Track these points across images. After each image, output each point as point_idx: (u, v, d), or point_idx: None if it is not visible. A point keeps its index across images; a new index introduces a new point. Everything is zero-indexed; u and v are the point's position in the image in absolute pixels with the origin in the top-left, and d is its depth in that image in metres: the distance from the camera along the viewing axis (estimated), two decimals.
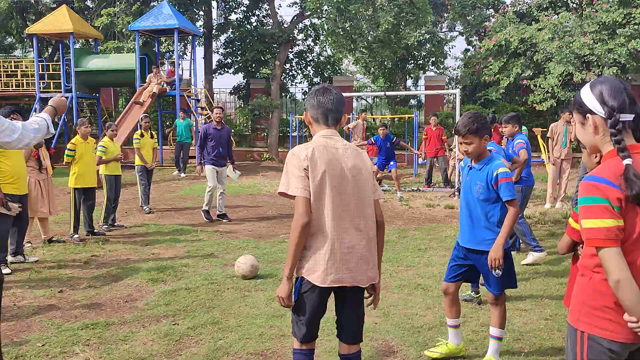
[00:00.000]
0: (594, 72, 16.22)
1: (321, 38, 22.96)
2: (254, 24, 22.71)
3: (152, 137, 10.46)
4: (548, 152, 11.28)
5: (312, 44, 23.68)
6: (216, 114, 9.74)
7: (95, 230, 8.24)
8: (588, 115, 2.07)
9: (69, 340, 4.26)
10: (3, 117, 3.24)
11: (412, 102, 26.89)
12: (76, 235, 7.85)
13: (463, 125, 3.57)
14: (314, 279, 2.65)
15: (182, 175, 15.55)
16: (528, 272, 6.06)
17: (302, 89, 24.68)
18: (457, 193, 11.69)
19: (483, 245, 3.62)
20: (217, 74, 23.95)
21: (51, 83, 19.34)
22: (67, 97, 3.60)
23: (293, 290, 2.74)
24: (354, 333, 2.83)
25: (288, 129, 22.87)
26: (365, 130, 14.70)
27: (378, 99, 25.54)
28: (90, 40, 22.33)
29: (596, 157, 2.60)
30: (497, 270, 3.56)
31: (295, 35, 22.10)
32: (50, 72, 19.77)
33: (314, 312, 2.72)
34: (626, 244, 1.95)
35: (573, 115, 2.17)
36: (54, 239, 7.67)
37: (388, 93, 14.59)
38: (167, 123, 21.22)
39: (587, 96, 2.07)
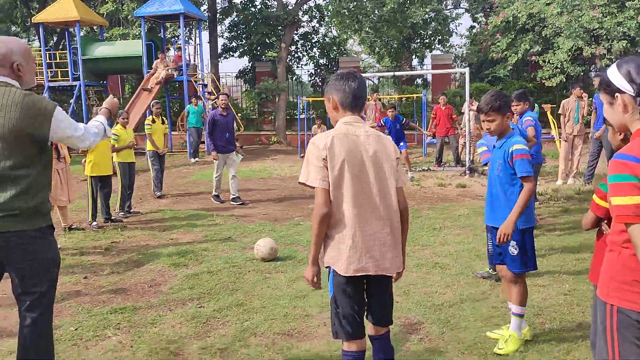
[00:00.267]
0: (603, 46, 16.07)
1: (326, 19, 22.84)
2: (259, 7, 22.59)
3: (163, 122, 10.53)
4: (559, 128, 11.28)
5: (317, 25, 23.57)
6: (222, 100, 9.91)
7: (112, 218, 8.36)
8: (617, 94, 2.10)
9: (100, 324, 4.38)
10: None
11: (418, 81, 26.77)
12: (94, 223, 7.97)
13: (486, 103, 3.63)
14: (338, 269, 2.64)
15: (192, 160, 15.60)
16: (544, 248, 6.12)
17: (308, 71, 24.61)
18: (467, 172, 11.72)
19: (500, 222, 3.64)
20: (222, 58, 23.91)
21: (59, 72, 19.38)
22: (116, 97, 3.60)
23: (328, 280, 2.76)
24: (382, 317, 2.82)
25: (295, 111, 22.89)
26: (379, 110, 14.67)
27: (384, 79, 25.45)
28: (94, 27, 22.33)
29: (620, 134, 2.65)
30: (511, 248, 3.63)
31: (300, 16, 21.97)
32: (57, 60, 19.79)
33: (351, 303, 2.67)
34: None
35: (600, 95, 2.21)
36: (73, 226, 7.79)
37: (397, 73, 14.51)
38: (175, 109, 21.26)
39: (615, 76, 2.11)
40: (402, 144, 11.63)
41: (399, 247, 2.74)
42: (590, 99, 11.58)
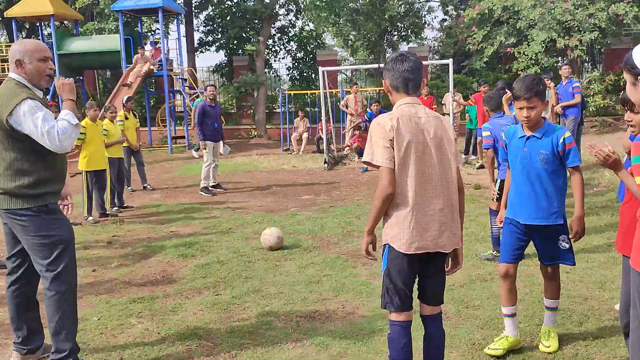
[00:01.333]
0: (575, 37, 16.54)
1: (303, 12, 22.88)
2: (235, 0, 22.49)
3: (135, 117, 10.49)
4: None
5: (294, 18, 23.60)
6: (210, 91, 10.33)
7: (107, 212, 8.34)
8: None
9: (122, 313, 4.44)
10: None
11: None
12: (90, 218, 7.95)
13: (528, 88, 3.29)
14: (399, 247, 2.74)
15: (196, 155, 15.29)
16: None
17: (286, 64, 24.64)
18: None
19: (551, 219, 3.41)
20: (198, 52, 23.74)
21: None
22: (66, 79, 3.63)
23: (381, 256, 2.88)
24: (436, 295, 2.92)
25: (274, 105, 22.90)
26: (359, 102, 14.84)
27: (358, 72, 25.60)
28: (66, 22, 21.90)
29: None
30: (563, 243, 3.45)
31: (277, 10, 21.97)
32: None
33: (403, 278, 2.79)
34: None
35: (625, 75, 2.38)
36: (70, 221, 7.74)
37: (382, 65, 14.69)
38: (151, 104, 21.05)
39: (639, 58, 2.29)
40: None
41: (457, 225, 2.84)
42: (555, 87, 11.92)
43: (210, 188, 10.04)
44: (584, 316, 4.06)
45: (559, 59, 19.02)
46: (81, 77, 19.95)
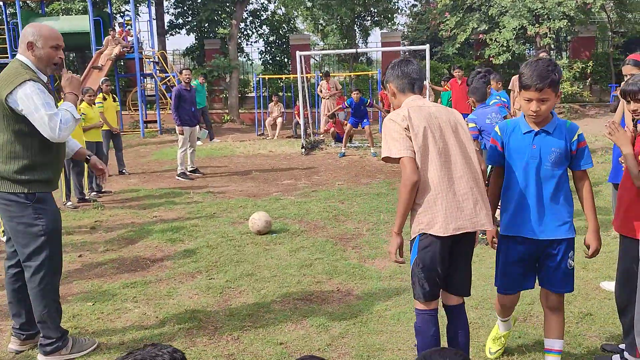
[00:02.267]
0: (545, 25, 16.88)
1: None
2: None
3: (114, 100, 10.30)
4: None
5: (266, 1, 23.37)
6: (185, 75, 10.34)
7: (86, 197, 8.21)
8: None
9: (117, 298, 4.42)
10: None
11: (362, 59, 27.06)
12: (69, 203, 7.83)
13: (541, 77, 2.66)
14: (436, 231, 2.67)
15: (217, 140, 14.98)
16: None
17: (258, 48, 24.42)
18: None
19: (561, 232, 2.83)
20: (168, 35, 23.33)
21: None
22: (75, 75, 3.59)
23: (410, 249, 2.84)
24: (464, 284, 2.88)
25: (246, 89, 22.73)
26: (332, 87, 14.88)
27: (327, 57, 25.57)
28: (30, 2, 21.20)
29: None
30: (570, 261, 2.87)
31: None
32: None
33: (436, 266, 2.73)
34: None
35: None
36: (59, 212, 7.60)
37: (360, 50, 14.74)
38: (120, 86, 20.62)
39: None
40: (365, 120, 11.98)
41: (488, 205, 2.82)
42: None
43: (187, 173, 9.98)
44: (571, 295, 4.21)
45: (529, 46, 19.39)
46: None
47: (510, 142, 2.89)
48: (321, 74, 15.77)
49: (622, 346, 3.19)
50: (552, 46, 21.64)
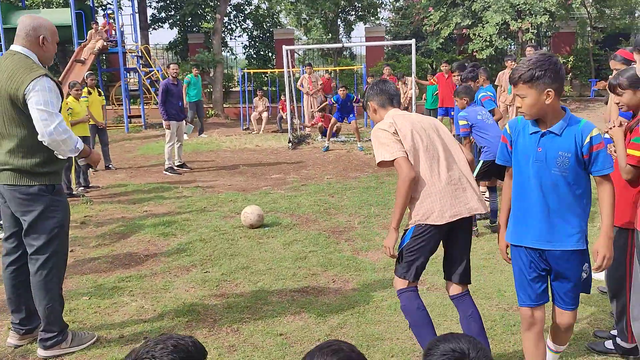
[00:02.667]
0: (528, 20, 17.07)
1: None
2: None
3: (100, 94, 10.22)
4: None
5: None
6: (173, 69, 10.41)
7: (73, 192, 8.15)
8: None
9: (113, 292, 4.42)
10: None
11: (345, 53, 27.08)
12: None
13: (516, 71, 2.55)
14: (433, 220, 2.88)
15: (204, 136, 14.85)
16: None
17: (242, 43, 24.31)
18: None
19: (570, 242, 2.59)
20: (151, 29, 23.10)
21: None
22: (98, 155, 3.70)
23: (402, 237, 3.03)
24: (466, 271, 3.06)
25: (230, 84, 22.62)
26: (313, 81, 14.86)
27: (310, 51, 25.55)
28: None
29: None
30: (583, 274, 2.67)
31: None
32: None
33: (427, 254, 2.98)
34: None
35: (634, 56, 2.58)
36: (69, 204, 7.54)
37: (347, 44, 14.77)
38: (103, 80, 20.40)
39: None
40: (351, 115, 12.05)
41: (479, 191, 3.06)
42: None
43: (175, 167, 9.97)
44: None
45: (511, 41, 19.60)
46: None
47: (517, 142, 2.70)
48: (306, 68, 15.72)
49: (614, 332, 3.29)
50: (534, 41, 21.93)
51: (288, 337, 3.61)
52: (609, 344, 3.28)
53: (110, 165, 10.41)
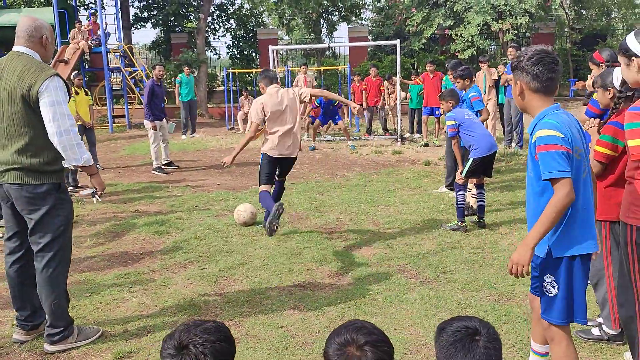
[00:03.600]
0: (508, 21, 17.39)
1: None
2: None
3: (86, 94, 10.24)
4: None
5: None
6: (159, 71, 10.59)
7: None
8: (633, 58, 2.65)
9: (113, 289, 4.50)
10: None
11: (327, 53, 27.22)
12: None
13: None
14: (272, 154, 5.51)
15: (196, 136, 14.76)
16: (494, 203, 6.86)
17: (226, 42, 24.31)
18: (399, 140, 12.41)
19: (537, 248, 2.53)
20: (134, 28, 22.99)
21: None
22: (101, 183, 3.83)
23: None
24: (283, 173, 5.72)
25: (214, 83, 22.63)
26: (308, 81, 14.96)
27: (293, 52, 25.65)
28: None
29: (609, 93, 3.25)
30: (545, 285, 2.54)
31: None
32: None
33: (270, 169, 5.57)
34: None
35: (619, 58, 2.74)
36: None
37: (332, 44, 14.90)
38: (85, 79, 20.25)
39: (633, 43, 2.65)
40: (337, 117, 12.22)
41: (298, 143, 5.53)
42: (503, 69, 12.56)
43: (162, 167, 10.01)
44: None
45: (492, 41, 19.93)
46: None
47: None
48: (299, 69, 15.71)
49: (600, 319, 3.47)
50: (514, 42, 22.30)
51: (289, 329, 3.73)
52: (595, 331, 3.45)
53: (97, 165, 10.42)
